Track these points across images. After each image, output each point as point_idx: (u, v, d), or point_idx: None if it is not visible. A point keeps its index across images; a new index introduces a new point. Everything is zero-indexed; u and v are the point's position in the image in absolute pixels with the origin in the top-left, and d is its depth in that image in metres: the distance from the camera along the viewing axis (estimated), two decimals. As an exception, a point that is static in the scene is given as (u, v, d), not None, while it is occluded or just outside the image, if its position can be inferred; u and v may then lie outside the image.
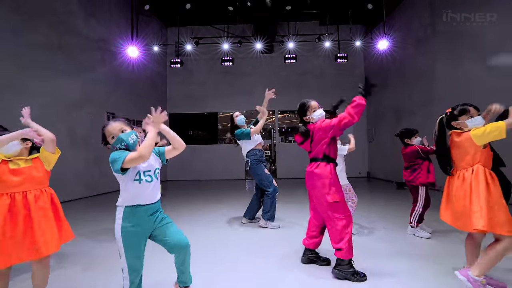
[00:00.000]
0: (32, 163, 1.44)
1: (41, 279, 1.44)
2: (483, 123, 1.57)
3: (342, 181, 2.60)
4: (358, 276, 1.73)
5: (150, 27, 7.41)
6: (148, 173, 1.32)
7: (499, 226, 1.42)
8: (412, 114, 6.10)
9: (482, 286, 1.45)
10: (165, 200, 5.20)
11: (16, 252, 1.32)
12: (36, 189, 1.43)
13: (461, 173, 1.58)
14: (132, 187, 1.28)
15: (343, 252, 1.72)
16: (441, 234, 2.68)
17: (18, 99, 3.95)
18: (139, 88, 7.10)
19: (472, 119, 1.59)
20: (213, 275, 1.88)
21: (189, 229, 3.10)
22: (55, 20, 4.73)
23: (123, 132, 1.30)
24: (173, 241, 1.35)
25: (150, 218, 1.32)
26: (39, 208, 1.39)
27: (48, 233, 1.39)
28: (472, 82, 4.53)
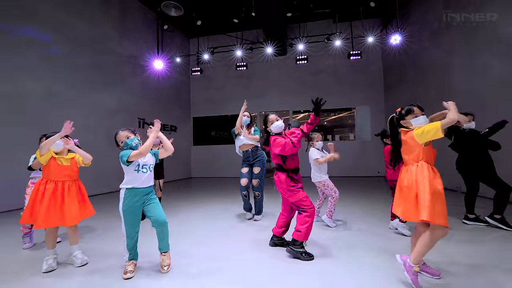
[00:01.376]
0: (71, 163, 2.07)
1: (72, 238, 2.08)
2: (426, 122, 1.70)
3: (319, 178, 2.90)
4: (307, 256, 2.04)
5: (173, 41, 8.28)
6: (145, 166, 1.86)
7: (438, 218, 1.56)
8: (429, 110, 5.83)
9: (415, 273, 1.62)
10: (188, 194, 5.87)
11: (54, 219, 1.94)
12: (70, 180, 2.05)
13: (408, 167, 1.73)
14: (132, 174, 1.82)
15: (300, 234, 2.05)
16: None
17: (71, 110, 4.96)
18: (165, 96, 7.99)
19: (416, 118, 1.72)
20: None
21: (200, 217, 3.63)
22: (96, 44, 5.74)
23: (128, 138, 1.85)
24: (155, 217, 1.84)
25: (142, 198, 1.84)
26: (69, 194, 2.01)
27: (73, 211, 1.99)
28: (489, 75, 4.28)
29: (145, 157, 1.86)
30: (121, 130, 1.90)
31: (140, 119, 6.81)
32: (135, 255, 1.88)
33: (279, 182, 2.18)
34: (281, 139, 2.12)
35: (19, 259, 2.22)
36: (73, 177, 2.08)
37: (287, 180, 2.14)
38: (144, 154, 1.77)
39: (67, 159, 2.05)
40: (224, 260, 2.09)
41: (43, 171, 2.01)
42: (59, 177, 1.99)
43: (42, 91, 4.64)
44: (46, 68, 4.71)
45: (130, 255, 1.84)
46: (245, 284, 1.72)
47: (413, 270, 1.63)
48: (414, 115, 1.74)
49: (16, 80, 4.29)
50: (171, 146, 1.97)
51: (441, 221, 1.56)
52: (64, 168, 2.01)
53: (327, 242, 2.46)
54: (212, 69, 8.84)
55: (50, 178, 1.98)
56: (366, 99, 8.23)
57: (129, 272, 1.79)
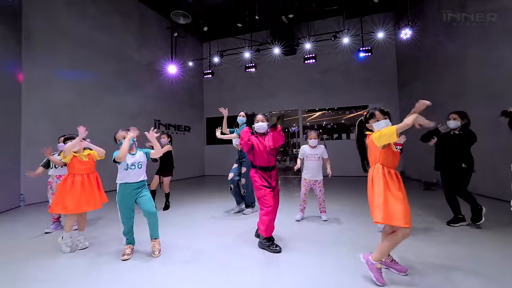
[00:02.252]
0: (88, 158, 2.48)
1: (81, 225, 2.50)
2: (388, 125, 1.75)
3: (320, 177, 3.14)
4: (273, 247, 2.25)
5: (187, 45, 8.77)
6: (134, 164, 2.19)
7: (395, 219, 1.63)
8: (444, 105, 5.54)
9: (377, 269, 1.73)
10: (198, 191, 6.28)
11: (83, 205, 2.38)
12: (90, 173, 2.49)
13: (369, 170, 1.84)
14: (123, 172, 2.18)
15: (261, 230, 2.28)
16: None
17: (98, 113, 5.62)
18: (179, 98, 8.53)
19: (377, 122, 1.79)
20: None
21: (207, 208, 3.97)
22: (118, 53, 6.37)
23: (124, 138, 2.20)
24: (146, 209, 2.17)
25: (133, 191, 2.18)
26: (89, 183, 2.44)
27: (96, 197, 2.43)
28: (504, 67, 4.00)
29: (135, 156, 2.19)
30: (120, 130, 2.28)
31: (156, 120, 7.40)
32: (131, 241, 2.24)
33: (250, 176, 2.42)
34: (249, 138, 2.30)
35: (41, 240, 2.72)
36: (92, 169, 2.53)
37: (254, 176, 2.35)
38: (122, 158, 2.08)
39: (85, 155, 2.49)
40: (210, 250, 2.37)
41: (68, 168, 2.46)
42: (82, 171, 2.44)
43: (73, 99, 5.33)
44: (76, 77, 5.40)
45: (127, 240, 2.21)
46: (225, 269, 1.98)
47: (376, 268, 1.74)
48: (376, 119, 1.81)
49: (52, 88, 5.00)
50: (159, 152, 2.29)
51: (398, 222, 1.63)
52: (84, 163, 2.46)
53: (316, 237, 2.62)
54: (223, 71, 9.20)
55: (74, 172, 2.42)
56: (378, 96, 7.96)
57: (126, 255, 2.15)
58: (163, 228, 2.97)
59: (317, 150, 3.12)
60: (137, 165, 2.21)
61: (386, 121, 1.79)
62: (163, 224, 3.19)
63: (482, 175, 4.65)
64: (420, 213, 3.48)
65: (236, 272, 1.93)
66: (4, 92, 4.22)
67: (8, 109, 4.32)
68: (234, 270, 1.96)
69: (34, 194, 4.56)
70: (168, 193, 4.00)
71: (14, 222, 3.52)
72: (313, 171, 3.11)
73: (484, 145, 3.62)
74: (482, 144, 3.15)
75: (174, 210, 3.98)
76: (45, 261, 2.18)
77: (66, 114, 5.15)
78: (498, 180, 4.25)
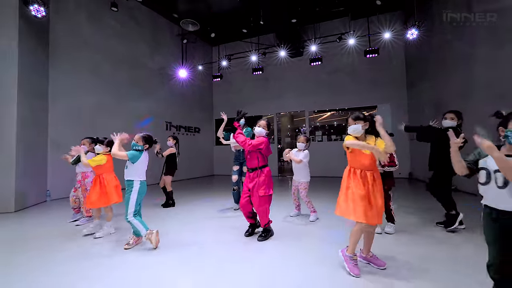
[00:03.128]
0: (106, 162, 2.86)
1: (108, 215, 2.89)
2: (356, 130, 1.92)
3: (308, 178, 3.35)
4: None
5: (197, 50, 9.16)
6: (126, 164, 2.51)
7: (349, 214, 1.86)
8: (451, 106, 5.43)
9: (352, 261, 1.90)
10: (205, 189, 6.57)
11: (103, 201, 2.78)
12: (109, 172, 2.88)
13: None
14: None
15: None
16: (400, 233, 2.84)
17: (115, 117, 6.10)
18: (189, 101, 8.93)
19: (350, 127, 1.96)
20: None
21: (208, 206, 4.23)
22: (133, 61, 6.85)
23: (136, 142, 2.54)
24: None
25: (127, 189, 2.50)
26: (109, 182, 2.82)
27: (113, 195, 2.80)
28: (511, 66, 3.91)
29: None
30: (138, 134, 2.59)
31: (167, 122, 7.83)
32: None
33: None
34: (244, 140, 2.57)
35: (65, 228, 3.10)
36: (111, 170, 2.94)
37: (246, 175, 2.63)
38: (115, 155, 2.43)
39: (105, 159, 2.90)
40: (205, 242, 2.61)
41: (97, 170, 2.85)
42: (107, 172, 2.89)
43: (92, 104, 5.84)
44: (96, 85, 5.91)
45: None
46: (217, 256, 2.21)
47: (350, 259, 1.91)
48: (349, 125, 1.99)
49: (73, 94, 5.52)
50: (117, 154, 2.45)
51: (353, 217, 1.85)
52: (104, 166, 2.87)
53: (308, 233, 2.79)
54: (232, 74, 9.49)
55: (101, 172, 2.86)
56: (387, 97, 7.87)
57: (127, 244, 2.51)
58: (167, 223, 3.27)
59: (301, 154, 3.27)
60: (126, 165, 2.52)
61: (356, 126, 1.94)
62: (166, 219, 3.50)
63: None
64: (412, 211, 3.54)
65: (230, 262, 2.16)
66: (36, 99, 4.75)
67: (38, 116, 4.85)
68: (229, 260, 2.19)
69: (58, 190, 5.07)
70: (170, 191, 4.29)
71: (42, 214, 3.99)
72: (295, 172, 3.34)
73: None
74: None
75: (178, 206, 4.29)
76: (69, 244, 2.54)
77: (85, 118, 5.66)
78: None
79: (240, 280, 1.85)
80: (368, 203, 1.84)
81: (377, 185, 1.92)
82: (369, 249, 2.04)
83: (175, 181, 4.28)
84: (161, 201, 4.46)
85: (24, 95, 4.41)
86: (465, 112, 3.21)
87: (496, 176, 1.29)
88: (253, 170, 2.62)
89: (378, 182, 1.93)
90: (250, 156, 2.61)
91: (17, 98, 4.23)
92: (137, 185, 2.48)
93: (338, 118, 13.91)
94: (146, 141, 2.58)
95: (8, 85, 4.20)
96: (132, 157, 2.46)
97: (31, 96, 4.61)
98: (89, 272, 2.02)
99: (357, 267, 1.90)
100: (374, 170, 1.94)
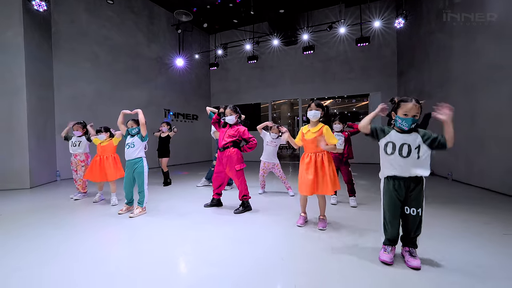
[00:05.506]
0: (108, 144, 3.37)
1: (112, 188, 3.40)
2: (313, 115, 2.33)
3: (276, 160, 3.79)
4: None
5: (194, 39, 9.35)
6: (128, 144, 2.94)
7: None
8: (430, 96, 5.65)
9: (300, 217, 2.41)
10: (202, 172, 7.06)
11: (100, 176, 3.29)
12: (109, 154, 3.38)
13: None
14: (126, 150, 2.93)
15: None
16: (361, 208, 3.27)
17: (114, 105, 6.54)
18: (187, 89, 9.26)
19: (310, 111, 2.34)
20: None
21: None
22: (130, 51, 7.16)
23: (132, 127, 2.96)
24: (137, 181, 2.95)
25: (130, 167, 2.93)
26: (107, 161, 3.32)
27: (112, 172, 3.30)
28: (480, 59, 4.10)
29: (132, 137, 2.93)
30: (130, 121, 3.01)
31: (166, 109, 8.24)
32: (129, 202, 3.05)
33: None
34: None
35: (73, 202, 3.65)
36: (112, 151, 3.44)
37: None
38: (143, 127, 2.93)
39: (107, 141, 3.43)
40: (190, 212, 3.11)
41: (98, 150, 3.40)
42: (105, 153, 3.39)
43: (93, 92, 6.27)
44: (96, 74, 6.31)
45: (126, 201, 3.02)
46: (189, 221, 2.69)
47: (300, 214, 2.52)
48: (310, 109, 2.36)
49: (76, 85, 5.95)
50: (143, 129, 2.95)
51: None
52: (104, 147, 3.39)
53: (281, 206, 3.25)
54: (228, 62, 9.70)
55: (99, 154, 3.38)
56: (378, 85, 8.03)
57: (121, 210, 3.00)
58: (163, 197, 3.77)
59: (277, 140, 3.78)
60: (130, 144, 2.94)
61: (316, 112, 2.33)
62: (163, 194, 4.01)
63: (455, 160, 4.86)
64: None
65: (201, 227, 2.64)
66: (43, 89, 5.20)
67: (45, 104, 5.32)
68: (200, 224, 2.67)
69: (67, 171, 5.65)
70: (167, 172, 4.82)
71: (51, 191, 4.57)
72: (269, 155, 3.77)
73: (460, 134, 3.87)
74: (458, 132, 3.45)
75: (175, 184, 4.81)
76: (79, 212, 3.08)
77: (87, 105, 6.12)
78: (470, 165, 4.49)
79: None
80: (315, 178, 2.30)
81: (325, 165, 2.32)
82: (322, 212, 2.48)
83: (174, 165, 4.79)
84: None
85: (32, 85, 4.86)
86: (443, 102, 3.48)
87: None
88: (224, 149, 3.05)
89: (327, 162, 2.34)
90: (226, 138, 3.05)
91: (26, 88, 4.69)
92: (145, 161, 2.98)
93: (336, 106, 14.12)
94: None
95: (17, 76, 4.64)
96: (146, 135, 2.97)
97: (38, 86, 5.06)
98: (101, 227, 2.53)
99: (301, 218, 2.53)
100: (323, 153, 2.37)
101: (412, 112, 1.60)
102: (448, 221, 2.60)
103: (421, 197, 1.67)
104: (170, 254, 1.98)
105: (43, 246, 2.14)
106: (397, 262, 1.75)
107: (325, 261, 1.79)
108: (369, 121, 1.73)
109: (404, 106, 1.63)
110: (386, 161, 1.71)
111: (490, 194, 3.70)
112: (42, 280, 1.62)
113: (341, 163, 3.19)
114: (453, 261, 1.74)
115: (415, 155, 1.60)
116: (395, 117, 1.69)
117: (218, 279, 1.58)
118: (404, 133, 1.65)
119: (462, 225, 2.51)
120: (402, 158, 1.62)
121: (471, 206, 3.13)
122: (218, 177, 3.15)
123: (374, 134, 1.73)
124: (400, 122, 1.64)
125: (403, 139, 1.63)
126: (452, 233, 2.30)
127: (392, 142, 1.66)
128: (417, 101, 1.63)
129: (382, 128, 1.74)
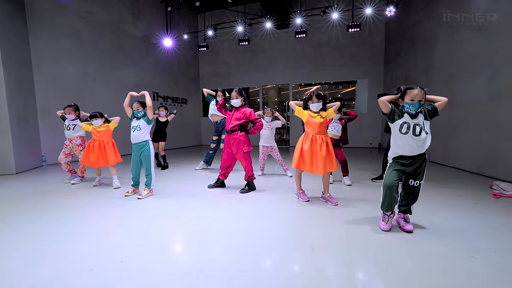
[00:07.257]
0: (105, 129, 3.29)
1: (112, 171, 3.39)
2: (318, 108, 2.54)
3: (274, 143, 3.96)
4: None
5: (182, 17, 8.88)
6: (134, 127, 2.92)
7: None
8: (416, 83, 6.01)
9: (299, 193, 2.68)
10: (194, 157, 7.06)
11: (102, 161, 3.27)
12: (108, 139, 3.32)
13: None
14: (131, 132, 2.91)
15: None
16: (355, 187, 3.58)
17: (100, 86, 6.20)
18: (176, 71, 8.94)
19: (312, 104, 2.57)
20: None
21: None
22: (115, 28, 6.69)
23: (137, 110, 2.92)
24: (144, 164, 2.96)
25: (137, 150, 2.94)
26: (106, 146, 3.27)
27: (112, 156, 3.29)
28: (460, 50, 4.44)
29: (138, 120, 2.90)
30: (135, 103, 2.96)
31: (154, 92, 7.96)
32: (135, 185, 3.07)
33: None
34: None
35: (64, 187, 3.58)
36: (109, 137, 3.38)
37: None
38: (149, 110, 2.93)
39: (104, 127, 3.35)
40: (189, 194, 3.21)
41: (93, 134, 3.32)
42: (103, 138, 3.32)
43: (77, 72, 5.87)
44: (78, 53, 5.87)
45: (132, 183, 3.04)
46: (192, 200, 2.81)
47: (298, 193, 2.76)
48: (312, 102, 2.56)
49: (56, 60, 5.53)
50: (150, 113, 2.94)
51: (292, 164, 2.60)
52: (102, 132, 3.32)
53: (280, 186, 3.44)
54: (218, 44, 9.41)
55: (97, 139, 3.32)
56: (366, 72, 8.32)
57: (128, 192, 3.03)
58: (164, 179, 3.81)
59: (272, 123, 3.96)
60: (136, 127, 2.92)
61: (317, 104, 2.51)
62: (163, 176, 4.04)
63: (433, 144, 5.36)
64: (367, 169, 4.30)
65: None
66: (20, 67, 4.78)
67: (24, 84, 4.92)
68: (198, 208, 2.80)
69: (53, 156, 5.40)
70: (164, 155, 4.83)
71: (40, 176, 4.40)
72: (267, 139, 3.95)
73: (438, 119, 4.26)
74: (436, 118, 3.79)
75: (172, 168, 4.83)
76: (71, 197, 3.05)
77: (71, 86, 5.75)
78: (446, 148, 4.98)
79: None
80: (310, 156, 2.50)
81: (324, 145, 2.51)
82: (326, 190, 2.70)
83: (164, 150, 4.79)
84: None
85: (8, 62, 4.45)
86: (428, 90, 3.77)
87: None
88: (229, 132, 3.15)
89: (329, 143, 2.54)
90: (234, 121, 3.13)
91: (2, 65, 4.30)
92: (151, 144, 2.98)
93: (323, 92, 14.45)
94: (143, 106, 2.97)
95: (-9, 52, 4.22)
96: (152, 119, 2.97)
97: (14, 63, 4.65)
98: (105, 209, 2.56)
99: (305, 195, 2.73)
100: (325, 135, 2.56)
101: (417, 98, 1.80)
102: (429, 195, 2.97)
103: (425, 170, 1.93)
104: (191, 228, 2.11)
105: (51, 227, 2.14)
106: (393, 229, 2.04)
107: (334, 230, 2.03)
108: (389, 101, 1.91)
109: (410, 93, 1.82)
110: (399, 140, 1.90)
111: (463, 174, 4.20)
112: (74, 253, 1.68)
113: (337, 147, 3.45)
114: (435, 225, 2.09)
115: (424, 132, 1.82)
116: (402, 103, 1.87)
117: (244, 247, 1.75)
118: (413, 117, 1.86)
119: (439, 198, 2.89)
120: (415, 137, 1.84)
121: (446, 183, 3.56)
122: (227, 160, 3.24)
123: (390, 114, 1.91)
124: (408, 107, 1.84)
125: (414, 121, 1.85)
126: (432, 204, 2.66)
127: (408, 123, 1.86)
128: (422, 88, 1.82)
129: (398, 111, 1.93)
